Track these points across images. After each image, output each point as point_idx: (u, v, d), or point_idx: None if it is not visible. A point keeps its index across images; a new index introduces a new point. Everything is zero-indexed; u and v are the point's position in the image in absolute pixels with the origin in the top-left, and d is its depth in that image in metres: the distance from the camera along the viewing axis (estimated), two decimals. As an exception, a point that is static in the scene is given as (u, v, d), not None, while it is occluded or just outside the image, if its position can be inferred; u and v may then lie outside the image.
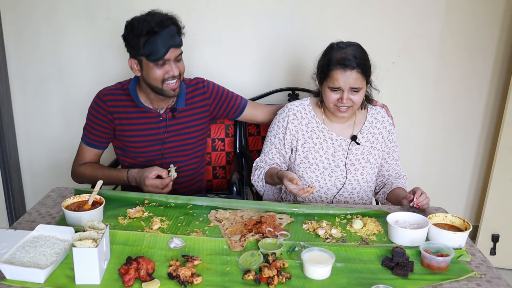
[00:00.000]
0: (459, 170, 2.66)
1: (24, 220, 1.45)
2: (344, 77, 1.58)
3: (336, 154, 1.73)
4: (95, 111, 1.77)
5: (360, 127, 1.75)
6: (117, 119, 1.76)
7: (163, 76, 1.63)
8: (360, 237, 1.41)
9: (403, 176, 1.83)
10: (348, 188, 1.75)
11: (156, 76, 1.63)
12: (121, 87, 1.79)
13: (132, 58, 1.65)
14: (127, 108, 1.76)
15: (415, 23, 2.37)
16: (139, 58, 1.63)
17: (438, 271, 1.23)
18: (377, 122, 1.76)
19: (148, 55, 1.59)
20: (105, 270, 1.18)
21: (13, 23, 2.38)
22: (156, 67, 1.62)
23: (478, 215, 2.66)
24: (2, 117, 2.44)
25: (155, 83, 1.65)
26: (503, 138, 2.35)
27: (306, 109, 1.76)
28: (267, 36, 2.37)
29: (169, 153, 1.82)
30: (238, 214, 1.52)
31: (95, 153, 1.82)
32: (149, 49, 1.58)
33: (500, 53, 2.42)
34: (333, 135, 1.72)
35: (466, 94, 2.50)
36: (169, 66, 1.63)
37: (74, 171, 1.83)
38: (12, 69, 2.45)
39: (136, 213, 1.48)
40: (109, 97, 1.76)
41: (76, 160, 1.84)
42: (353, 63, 1.57)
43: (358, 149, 1.73)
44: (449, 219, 1.44)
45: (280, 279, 1.15)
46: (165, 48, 1.59)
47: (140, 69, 1.66)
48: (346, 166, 1.73)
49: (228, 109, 1.90)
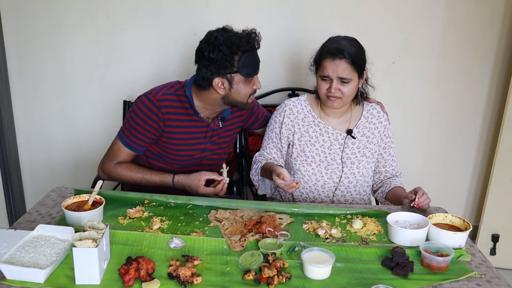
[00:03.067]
0: (459, 170, 2.66)
1: (24, 220, 1.45)
2: (333, 66, 1.62)
3: (332, 148, 1.75)
4: (145, 116, 1.67)
5: (356, 122, 1.77)
6: (168, 126, 1.70)
7: (251, 91, 1.66)
8: (360, 237, 1.41)
9: (400, 174, 1.84)
10: (345, 182, 1.76)
11: (247, 92, 1.65)
12: (174, 92, 1.71)
13: (218, 77, 1.61)
14: (181, 116, 1.71)
15: (415, 22, 2.37)
16: (230, 76, 1.60)
17: (438, 271, 1.23)
18: (373, 117, 1.78)
19: (243, 71, 1.60)
20: (105, 270, 1.18)
21: (13, 23, 2.37)
22: (247, 83, 1.63)
23: (478, 215, 2.66)
24: (2, 117, 2.44)
25: (242, 99, 1.66)
26: (503, 138, 2.36)
27: (303, 104, 1.80)
28: (267, 36, 2.35)
29: (206, 161, 1.82)
30: (238, 214, 1.52)
31: (131, 155, 1.75)
32: (245, 64, 1.59)
33: (500, 53, 2.42)
34: (329, 129, 1.75)
35: (466, 94, 2.50)
36: (255, 81, 1.67)
37: (107, 169, 1.74)
38: (12, 69, 2.45)
39: (136, 213, 1.48)
40: (165, 103, 1.68)
41: (109, 158, 1.75)
42: (343, 53, 1.61)
43: (354, 143, 1.76)
44: (449, 219, 1.44)
45: (280, 279, 1.15)
46: (258, 62, 1.65)
47: (229, 87, 1.62)
48: (342, 160, 1.75)
49: (257, 120, 1.94)
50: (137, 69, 2.42)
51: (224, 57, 1.57)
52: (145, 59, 2.41)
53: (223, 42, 1.56)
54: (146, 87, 1.80)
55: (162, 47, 2.39)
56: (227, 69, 1.59)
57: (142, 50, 2.39)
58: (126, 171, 1.72)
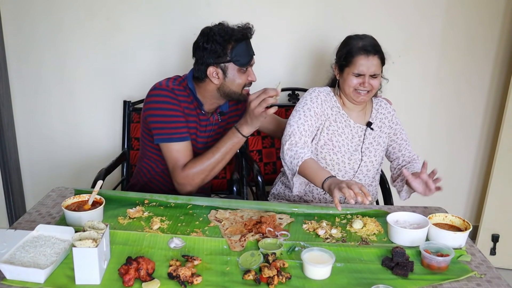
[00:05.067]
0: (459, 170, 2.66)
1: (24, 220, 1.45)
2: (368, 63, 1.69)
3: (354, 140, 1.80)
4: (168, 104, 1.65)
5: (370, 114, 1.84)
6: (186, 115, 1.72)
7: (245, 81, 1.69)
8: (360, 237, 1.41)
9: (417, 158, 1.85)
10: (364, 170, 1.81)
11: (240, 82, 1.68)
12: (179, 83, 1.72)
13: (213, 66, 1.64)
14: (189, 109, 1.72)
15: (415, 23, 2.37)
16: (223, 65, 1.64)
17: (438, 271, 1.23)
18: (381, 108, 1.86)
19: (236, 60, 1.64)
20: (105, 270, 1.18)
21: (13, 23, 2.37)
22: (241, 73, 1.67)
23: (478, 215, 2.66)
24: (2, 117, 2.44)
25: (236, 89, 1.69)
26: (503, 138, 2.36)
27: (330, 94, 1.82)
28: (267, 36, 2.37)
29: None
30: (238, 214, 1.52)
31: (189, 147, 1.67)
32: (238, 54, 1.63)
33: (500, 52, 2.42)
34: (351, 122, 1.80)
35: (466, 94, 2.50)
36: (249, 72, 1.70)
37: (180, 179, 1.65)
38: (12, 69, 2.45)
39: (136, 213, 1.48)
40: (178, 91, 1.69)
41: (175, 168, 1.65)
42: (376, 49, 1.70)
43: (371, 134, 1.82)
44: (449, 219, 1.44)
45: (280, 279, 1.16)
46: (251, 54, 1.68)
47: (223, 77, 1.66)
48: (362, 150, 1.79)
49: None
50: (137, 69, 2.42)
51: (217, 46, 1.62)
52: (145, 59, 2.41)
53: (217, 32, 1.63)
54: (146, 87, 1.80)
55: (163, 47, 2.39)
56: (221, 58, 1.63)
57: (142, 50, 2.39)
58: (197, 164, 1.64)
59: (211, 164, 1.67)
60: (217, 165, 1.69)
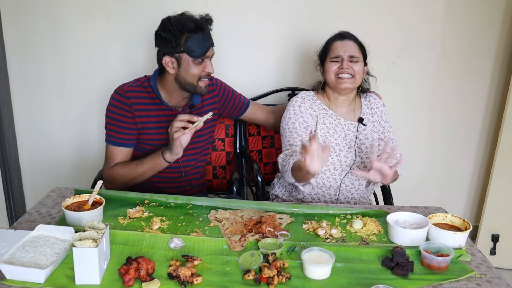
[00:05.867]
0: (459, 170, 2.66)
1: (24, 220, 1.45)
2: (343, 46, 1.73)
3: (347, 138, 1.80)
4: (117, 108, 1.71)
5: (360, 110, 1.84)
6: (138, 116, 1.72)
7: (201, 73, 1.67)
8: (360, 237, 1.41)
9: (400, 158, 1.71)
10: (361, 167, 1.81)
11: (195, 73, 1.66)
12: (140, 84, 1.76)
13: (168, 56, 1.65)
14: (148, 105, 1.74)
15: (415, 23, 2.37)
16: (178, 56, 1.64)
17: (438, 271, 1.23)
18: (371, 104, 1.86)
19: (190, 51, 1.62)
20: (105, 270, 1.18)
21: (13, 23, 2.37)
22: (195, 64, 1.65)
23: (478, 215, 2.66)
24: (2, 117, 2.44)
25: (191, 80, 1.67)
26: (503, 138, 2.36)
27: (313, 98, 1.83)
28: (267, 36, 2.37)
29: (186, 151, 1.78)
30: (238, 214, 1.52)
31: (125, 153, 1.75)
32: (192, 45, 1.62)
33: (500, 52, 2.42)
34: (341, 120, 1.80)
35: (466, 94, 2.50)
36: (206, 64, 1.67)
37: (107, 174, 1.74)
38: (12, 69, 2.45)
39: (136, 213, 1.48)
40: (132, 93, 1.72)
41: (105, 165, 1.76)
42: (350, 35, 1.76)
43: (364, 129, 1.82)
44: (449, 219, 1.44)
45: (280, 279, 1.15)
46: (207, 45, 1.65)
47: (177, 67, 1.66)
48: (356, 146, 1.80)
49: (234, 107, 1.94)
50: (137, 69, 2.42)
51: (171, 36, 1.62)
52: (145, 59, 2.40)
53: (173, 22, 1.62)
54: (146, 87, 1.80)
55: (162, 47, 2.39)
56: (174, 48, 1.63)
57: (142, 50, 2.39)
58: (122, 168, 1.72)
59: (132, 175, 1.71)
60: (138, 177, 1.71)
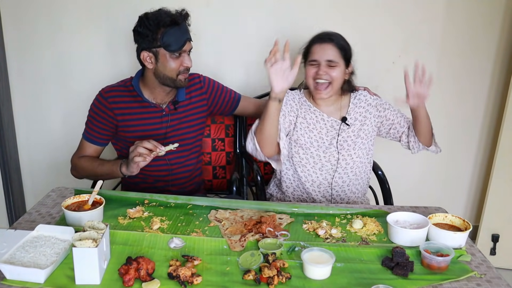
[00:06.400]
0: (459, 170, 2.66)
1: (24, 220, 1.45)
2: (321, 50, 1.70)
3: (329, 134, 1.80)
4: (96, 108, 1.78)
5: (346, 109, 1.82)
6: (119, 115, 1.76)
7: (179, 67, 1.68)
8: (360, 237, 1.41)
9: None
10: (343, 164, 1.81)
11: (173, 67, 1.68)
12: (123, 84, 1.81)
13: (145, 51, 1.67)
14: (130, 104, 1.77)
15: (415, 23, 2.37)
16: (155, 50, 1.66)
17: (438, 271, 1.23)
18: (361, 102, 1.83)
19: (167, 46, 1.64)
20: (105, 270, 1.18)
21: (14, 23, 2.37)
22: (173, 59, 1.67)
23: (478, 215, 2.66)
24: (2, 117, 2.44)
25: (170, 74, 1.69)
26: (503, 138, 2.35)
27: (299, 95, 1.84)
28: (267, 36, 2.36)
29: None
30: (238, 214, 1.52)
31: (94, 149, 1.82)
32: (168, 40, 1.63)
33: (500, 52, 2.42)
34: (324, 116, 1.80)
35: (466, 94, 2.50)
36: (183, 58, 1.69)
37: (73, 161, 1.82)
38: (12, 69, 2.45)
39: (136, 213, 1.48)
40: (111, 93, 1.77)
41: (75, 153, 1.83)
42: (331, 38, 1.70)
43: (348, 128, 1.80)
44: (449, 219, 1.44)
45: (280, 279, 1.15)
46: (184, 40, 1.66)
47: (155, 62, 1.68)
48: (338, 143, 1.79)
49: (225, 103, 1.93)
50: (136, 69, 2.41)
51: (147, 31, 1.64)
52: (145, 59, 2.40)
53: (150, 17, 1.64)
54: (146, 87, 1.80)
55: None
56: (151, 43, 1.65)
57: (142, 50, 2.39)
58: (86, 163, 1.77)
59: (93, 172, 1.75)
60: (98, 177, 1.70)
